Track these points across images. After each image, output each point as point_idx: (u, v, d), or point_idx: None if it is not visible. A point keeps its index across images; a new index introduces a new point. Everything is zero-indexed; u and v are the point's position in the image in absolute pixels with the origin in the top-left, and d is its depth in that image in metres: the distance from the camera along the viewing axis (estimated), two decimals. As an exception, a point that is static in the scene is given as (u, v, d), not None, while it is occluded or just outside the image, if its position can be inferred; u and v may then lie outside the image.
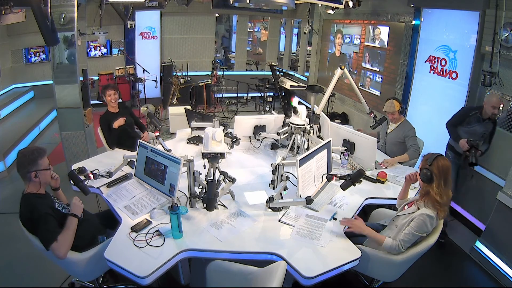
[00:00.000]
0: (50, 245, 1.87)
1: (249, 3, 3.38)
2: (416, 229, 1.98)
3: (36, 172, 1.97)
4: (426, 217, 1.97)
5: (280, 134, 3.18)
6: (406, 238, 1.99)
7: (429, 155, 2.05)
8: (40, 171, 1.99)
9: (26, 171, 1.97)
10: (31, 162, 1.97)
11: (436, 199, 1.98)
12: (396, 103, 3.30)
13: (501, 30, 3.05)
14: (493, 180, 3.30)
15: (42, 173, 2.00)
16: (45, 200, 2.04)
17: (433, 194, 1.99)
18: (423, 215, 1.98)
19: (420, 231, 1.99)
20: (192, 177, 2.25)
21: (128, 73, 6.89)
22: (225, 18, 11.27)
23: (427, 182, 2.02)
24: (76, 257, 1.96)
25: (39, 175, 1.98)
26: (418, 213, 2.01)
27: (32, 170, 1.96)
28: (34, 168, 1.97)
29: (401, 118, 3.41)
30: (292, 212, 2.30)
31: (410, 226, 2.01)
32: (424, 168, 2.03)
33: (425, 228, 1.99)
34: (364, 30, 5.60)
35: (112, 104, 3.42)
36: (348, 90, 6.12)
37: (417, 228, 1.98)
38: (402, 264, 2.07)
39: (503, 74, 3.14)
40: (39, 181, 2.00)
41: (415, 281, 2.77)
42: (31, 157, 1.98)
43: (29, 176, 1.96)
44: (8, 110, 5.79)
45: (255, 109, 7.59)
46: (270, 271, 1.69)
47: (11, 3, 3.89)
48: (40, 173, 1.99)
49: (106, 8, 6.13)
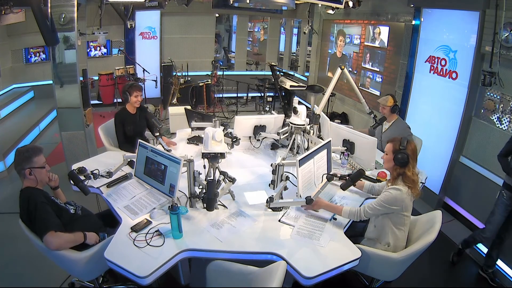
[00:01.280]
0: (45, 234, 1.87)
1: (249, 3, 3.38)
2: (382, 199, 2.06)
3: (30, 169, 2.03)
4: (392, 190, 2.04)
5: (280, 134, 3.18)
6: (371, 206, 2.09)
7: (396, 139, 2.12)
8: (35, 169, 2.04)
9: (21, 168, 2.03)
10: (26, 159, 2.03)
11: (413, 179, 2.05)
12: (391, 99, 3.35)
13: (501, 30, 3.05)
14: (493, 180, 3.30)
15: (37, 171, 2.06)
16: (41, 191, 2.07)
17: (410, 175, 2.06)
18: (390, 189, 2.06)
19: (387, 202, 2.04)
20: (192, 177, 2.25)
21: (128, 73, 6.89)
22: (225, 18, 11.26)
23: (404, 166, 2.06)
24: (76, 256, 1.96)
25: (34, 172, 2.04)
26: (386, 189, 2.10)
27: (26, 167, 2.02)
28: (28, 165, 2.03)
29: (393, 116, 3.44)
30: (292, 212, 2.30)
31: (377, 198, 2.10)
32: (399, 153, 2.06)
33: (393, 200, 2.03)
34: (364, 30, 5.60)
35: (135, 105, 3.36)
36: (348, 90, 6.12)
37: (383, 199, 2.06)
38: (402, 262, 2.07)
39: (503, 74, 3.14)
40: (35, 178, 2.05)
41: (415, 281, 2.77)
42: (25, 154, 2.04)
43: (24, 173, 2.03)
44: (8, 110, 5.79)
45: (255, 109, 7.59)
46: (270, 271, 1.69)
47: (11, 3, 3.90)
48: (35, 171, 2.05)
49: (106, 8, 6.13)
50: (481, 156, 3.48)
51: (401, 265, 2.12)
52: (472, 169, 3.57)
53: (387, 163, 2.16)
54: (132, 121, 3.36)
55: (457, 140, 3.63)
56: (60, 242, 1.92)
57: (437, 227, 2.13)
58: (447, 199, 3.93)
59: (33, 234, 1.97)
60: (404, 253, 2.03)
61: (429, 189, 3.90)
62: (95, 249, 2.00)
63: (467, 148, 3.64)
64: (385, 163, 2.19)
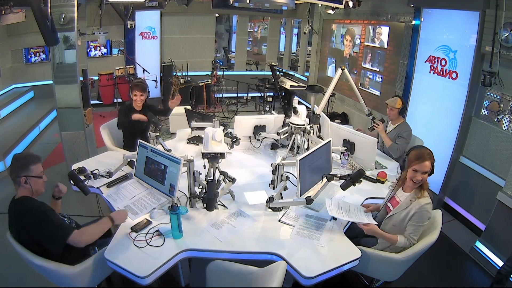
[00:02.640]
0: (70, 236, 1.84)
1: (249, 3, 3.38)
2: (420, 220, 2.04)
3: (26, 177, 1.91)
4: (425, 205, 2.04)
5: (280, 134, 3.18)
6: (415, 232, 2.06)
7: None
8: (30, 178, 1.92)
9: (16, 175, 1.91)
10: (22, 167, 1.92)
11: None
12: (399, 101, 3.29)
13: (501, 30, 3.05)
14: (493, 180, 3.30)
15: (33, 180, 1.94)
16: (40, 202, 1.98)
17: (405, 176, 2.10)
18: (423, 207, 2.03)
19: (425, 221, 2.05)
20: (192, 177, 2.25)
21: (128, 73, 6.89)
22: (225, 18, 11.26)
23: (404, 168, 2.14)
24: (69, 270, 1.88)
25: (29, 181, 1.92)
26: (417, 207, 2.04)
27: (22, 175, 1.91)
28: (24, 173, 1.91)
29: (400, 119, 3.40)
30: (292, 212, 2.30)
31: (413, 221, 2.06)
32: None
33: (428, 215, 2.06)
34: (364, 30, 5.60)
35: (137, 104, 3.34)
36: (348, 90, 6.12)
37: (421, 219, 2.04)
38: (405, 263, 2.08)
39: (503, 74, 3.14)
40: (30, 188, 1.93)
41: (415, 281, 2.77)
42: (22, 161, 1.94)
43: (19, 180, 1.91)
44: (8, 110, 5.78)
45: (255, 109, 7.59)
46: (270, 271, 1.69)
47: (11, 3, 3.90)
48: (31, 180, 1.93)
49: (106, 8, 6.12)
50: (481, 156, 3.48)
51: (404, 265, 2.12)
52: (472, 169, 3.57)
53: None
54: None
55: (457, 140, 3.63)
56: (88, 236, 1.92)
57: (438, 227, 2.13)
58: (447, 199, 3.93)
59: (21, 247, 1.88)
60: (406, 253, 2.03)
61: (429, 189, 3.89)
62: (88, 262, 1.94)
63: (467, 148, 3.64)
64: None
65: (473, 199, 3.59)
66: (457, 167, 3.75)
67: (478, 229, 3.47)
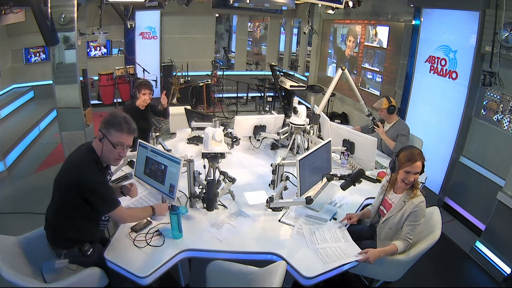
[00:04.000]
0: (116, 208, 1.83)
1: (249, 3, 3.38)
2: (416, 219, 2.04)
3: (103, 135, 1.79)
4: (420, 204, 2.03)
5: (280, 134, 3.18)
6: (412, 231, 2.04)
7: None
8: (106, 140, 1.79)
9: (100, 127, 1.82)
10: (106, 124, 1.81)
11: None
12: (385, 101, 3.31)
13: (501, 30, 3.05)
14: (493, 180, 3.30)
15: (105, 143, 1.80)
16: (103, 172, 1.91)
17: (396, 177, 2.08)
18: (417, 206, 2.03)
19: (421, 219, 2.05)
20: (192, 177, 2.25)
21: (128, 73, 6.89)
22: (225, 18, 11.26)
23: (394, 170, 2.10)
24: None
25: (104, 141, 1.80)
26: (411, 207, 2.03)
27: (102, 131, 1.81)
28: (105, 130, 1.80)
29: (394, 117, 3.40)
30: (292, 212, 2.30)
31: (409, 220, 2.04)
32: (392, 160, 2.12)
33: (423, 213, 2.06)
34: (364, 30, 5.60)
35: (143, 103, 3.34)
36: (348, 90, 6.12)
37: (417, 218, 2.04)
38: (408, 263, 2.08)
39: (503, 74, 3.14)
40: (101, 148, 1.81)
41: (415, 281, 2.77)
42: (111, 121, 1.81)
43: (99, 134, 1.81)
44: (8, 110, 5.78)
45: (255, 109, 7.59)
46: (270, 271, 1.69)
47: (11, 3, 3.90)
48: (105, 141, 1.80)
49: (106, 8, 6.12)
50: (481, 156, 3.48)
51: (407, 265, 2.12)
52: (472, 169, 3.57)
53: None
54: (140, 117, 3.30)
55: (457, 140, 3.63)
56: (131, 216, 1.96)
57: (438, 225, 2.13)
58: (447, 199, 3.93)
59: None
60: (411, 253, 2.03)
61: (429, 189, 3.90)
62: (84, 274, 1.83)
63: (467, 148, 3.64)
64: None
65: (473, 199, 3.59)
66: (457, 167, 3.75)
67: (478, 229, 3.47)
